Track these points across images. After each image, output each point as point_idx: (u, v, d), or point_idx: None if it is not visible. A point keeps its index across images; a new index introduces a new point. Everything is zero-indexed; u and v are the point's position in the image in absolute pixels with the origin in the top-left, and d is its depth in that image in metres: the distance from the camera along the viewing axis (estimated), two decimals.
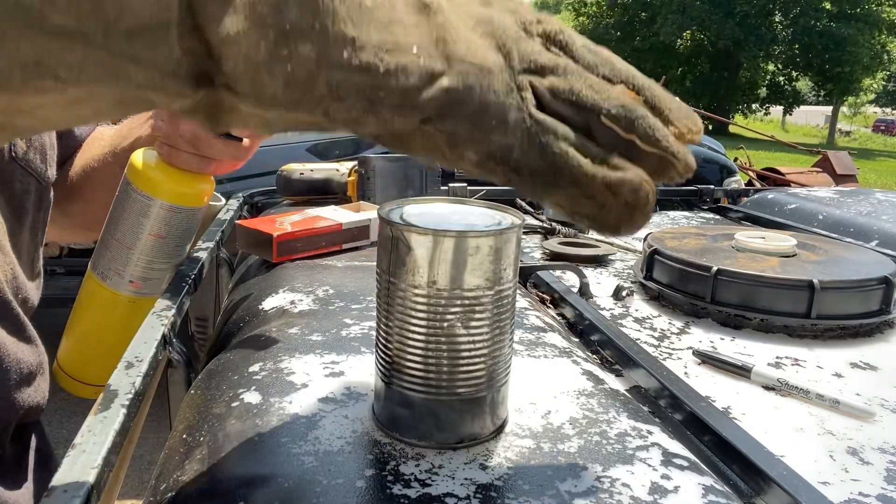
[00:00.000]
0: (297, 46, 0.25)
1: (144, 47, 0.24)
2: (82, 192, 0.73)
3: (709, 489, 0.37)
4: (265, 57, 0.25)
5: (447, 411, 0.38)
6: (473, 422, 0.38)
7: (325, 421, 0.40)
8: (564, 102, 0.29)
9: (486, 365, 0.38)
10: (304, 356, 0.50)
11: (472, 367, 0.37)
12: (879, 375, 0.58)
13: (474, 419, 0.38)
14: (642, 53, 24.81)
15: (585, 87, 0.29)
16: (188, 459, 0.39)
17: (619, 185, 0.29)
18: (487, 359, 0.38)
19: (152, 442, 1.82)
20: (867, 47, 21.70)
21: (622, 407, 0.45)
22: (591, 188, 0.29)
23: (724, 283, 0.68)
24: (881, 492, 0.41)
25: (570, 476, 0.36)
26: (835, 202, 1.12)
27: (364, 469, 0.36)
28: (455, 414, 0.38)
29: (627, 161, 0.29)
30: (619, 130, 0.28)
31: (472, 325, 0.37)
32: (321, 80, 0.26)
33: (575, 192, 0.29)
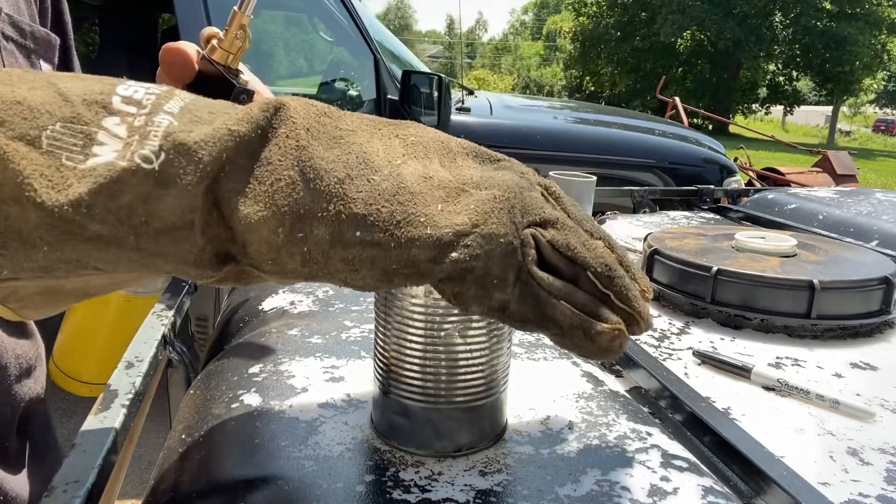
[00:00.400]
0: (312, 229, 0.28)
1: (170, 243, 0.27)
2: None
3: (708, 490, 0.37)
4: (284, 240, 0.28)
5: (445, 420, 0.38)
6: (472, 430, 0.38)
7: (325, 427, 0.40)
8: (560, 256, 0.32)
9: (484, 373, 0.38)
10: (304, 359, 0.50)
11: (470, 375, 0.37)
12: (879, 376, 0.58)
13: (473, 427, 0.38)
14: (642, 53, 24.82)
15: (580, 244, 0.32)
16: (187, 460, 0.39)
17: (597, 336, 0.32)
18: (485, 367, 0.38)
19: (152, 442, 1.82)
20: (867, 47, 21.70)
21: (622, 409, 0.45)
22: (574, 337, 0.32)
23: (725, 284, 0.68)
24: (881, 492, 0.41)
25: (570, 481, 0.36)
26: (835, 202, 1.12)
27: (364, 474, 0.36)
28: (453, 423, 0.38)
29: (608, 310, 0.33)
30: (599, 286, 0.32)
31: (470, 335, 0.37)
32: (336, 257, 0.29)
33: (559, 335, 0.33)
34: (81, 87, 0.28)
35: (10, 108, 0.26)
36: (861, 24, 21.63)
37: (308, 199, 0.28)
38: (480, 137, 2.65)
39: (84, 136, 0.26)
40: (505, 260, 0.31)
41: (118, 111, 0.27)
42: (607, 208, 1.35)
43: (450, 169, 0.32)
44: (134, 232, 0.26)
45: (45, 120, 0.26)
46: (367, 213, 0.28)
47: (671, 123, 3.51)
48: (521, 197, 0.32)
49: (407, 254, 0.29)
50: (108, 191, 0.26)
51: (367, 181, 0.29)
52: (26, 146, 0.25)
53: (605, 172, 2.55)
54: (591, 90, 29.41)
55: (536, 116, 2.98)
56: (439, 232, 0.29)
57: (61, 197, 0.25)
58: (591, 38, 26.92)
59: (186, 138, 0.27)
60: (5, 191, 0.25)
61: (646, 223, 1.15)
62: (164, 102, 0.28)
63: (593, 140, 2.76)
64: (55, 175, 0.25)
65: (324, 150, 0.29)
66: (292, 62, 3.69)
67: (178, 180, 0.26)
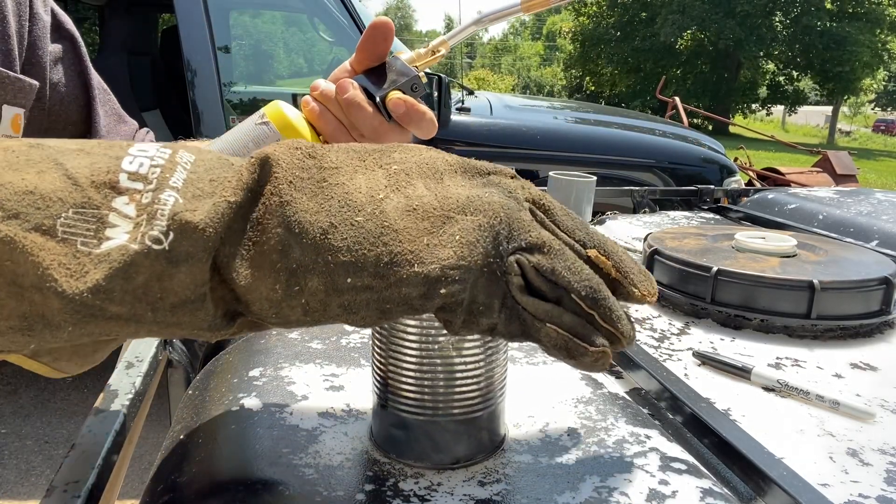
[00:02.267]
0: (307, 282, 0.29)
1: (186, 314, 0.29)
2: None
3: (707, 492, 0.37)
4: (282, 296, 0.30)
5: (443, 432, 0.38)
6: (470, 442, 0.39)
7: (326, 436, 0.41)
8: (544, 280, 0.33)
9: (479, 386, 0.38)
10: (304, 365, 0.50)
11: (466, 388, 0.37)
12: (879, 376, 0.58)
13: (471, 439, 0.39)
14: (642, 53, 24.80)
15: (564, 268, 0.33)
16: (186, 461, 0.39)
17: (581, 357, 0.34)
18: (481, 380, 0.38)
19: (152, 442, 1.82)
20: (868, 46, 21.70)
21: (621, 412, 0.45)
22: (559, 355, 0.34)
23: (725, 284, 0.68)
24: (881, 493, 0.41)
25: (569, 489, 0.36)
26: (835, 202, 1.12)
27: (364, 484, 0.36)
28: (451, 435, 0.38)
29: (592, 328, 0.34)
30: (584, 307, 0.33)
31: (465, 348, 0.37)
32: (333, 304, 0.30)
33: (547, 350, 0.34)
34: (88, 165, 0.29)
35: (23, 198, 0.27)
36: (861, 24, 21.63)
37: (298, 253, 0.29)
38: (480, 137, 2.65)
39: (96, 219, 0.28)
40: (489, 288, 0.32)
41: (126, 189, 0.28)
42: (607, 208, 1.35)
43: (435, 191, 0.32)
44: (151, 308, 0.28)
45: (58, 208, 0.27)
46: (354, 259, 0.29)
47: (671, 123, 3.51)
48: (507, 222, 0.32)
49: (398, 293, 0.30)
50: (124, 273, 0.27)
51: (351, 225, 0.30)
52: (42, 236, 0.27)
53: (605, 172, 2.55)
54: (591, 90, 29.40)
55: (536, 116, 2.98)
56: (426, 269, 0.30)
57: (80, 284, 0.27)
58: (591, 38, 26.91)
59: (192, 217, 0.28)
60: (27, 280, 0.26)
61: (646, 223, 1.15)
62: (169, 176, 0.29)
63: (593, 140, 2.76)
64: (72, 263, 0.27)
65: (307, 201, 0.30)
66: (292, 62, 3.69)
67: (188, 258, 0.28)
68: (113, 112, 0.72)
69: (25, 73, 0.59)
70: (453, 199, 0.32)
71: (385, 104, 0.54)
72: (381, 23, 0.54)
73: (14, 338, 0.28)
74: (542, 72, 45.48)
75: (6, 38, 0.57)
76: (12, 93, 0.57)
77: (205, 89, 2.46)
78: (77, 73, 0.67)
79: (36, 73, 0.61)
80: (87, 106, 0.68)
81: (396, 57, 0.56)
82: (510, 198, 0.34)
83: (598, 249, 0.34)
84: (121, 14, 3.47)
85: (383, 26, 0.54)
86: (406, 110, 0.53)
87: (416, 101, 0.54)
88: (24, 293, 0.27)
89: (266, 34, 3.39)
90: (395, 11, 60.17)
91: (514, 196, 0.34)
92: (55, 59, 0.64)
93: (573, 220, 0.35)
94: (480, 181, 0.34)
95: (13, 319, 0.27)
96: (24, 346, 0.28)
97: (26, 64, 0.60)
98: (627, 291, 0.35)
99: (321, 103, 0.56)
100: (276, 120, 0.55)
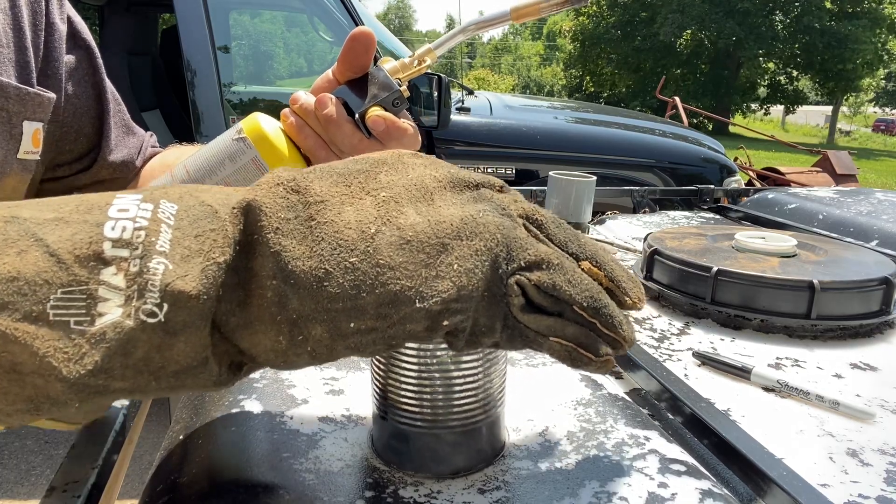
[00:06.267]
0: (310, 331, 0.29)
1: (189, 378, 0.29)
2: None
3: (706, 493, 0.37)
4: (287, 345, 0.29)
5: (442, 444, 0.38)
6: (470, 452, 0.39)
7: (326, 441, 0.41)
8: (545, 295, 0.33)
9: (478, 396, 0.38)
10: (304, 368, 0.50)
11: (465, 399, 0.37)
12: (879, 376, 0.58)
13: (470, 449, 0.38)
14: (642, 53, 24.80)
15: (565, 282, 0.33)
16: (186, 462, 0.39)
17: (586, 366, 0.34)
18: (480, 390, 0.38)
19: (152, 442, 1.82)
20: (868, 45, 21.69)
21: (620, 413, 0.45)
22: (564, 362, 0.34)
23: (725, 284, 0.68)
24: (881, 493, 0.41)
25: (568, 494, 0.36)
26: (835, 202, 1.12)
27: (364, 490, 0.36)
28: (450, 446, 0.38)
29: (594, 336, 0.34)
30: (586, 316, 0.33)
31: (463, 360, 0.37)
32: (339, 347, 0.30)
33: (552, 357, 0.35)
34: (69, 238, 0.27)
35: (7, 286, 0.26)
36: (861, 23, 21.62)
37: (296, 303, 0.29)
38: (480, 137, 2.65)
39: (86, 296, 0.27)
40: (490, 311, 0.32)
41: (112, 259, 0.27)
42: (607, 208, 1.35)
43: (427, 216, 0.32)
44: (154, 377, 0.28)
45: (46, 291, 0.26)
46: (355, 305, 0.29)
47: (671, 123, 3.51)
48: (504, 243, 0.32)
49: (402, 330, 0.30)
50: (122, 350, 0.27)
51: (346, 269, 0.29)
52: (34, 324, 0.26)
53: (605, 172, 2.55)
54: (591, 90, 29.40)
55: (536, 116, 2.98)
56: (428, 304, 0.30)
57: (79, 367, 0.26)
58: (592, 38, 26.91)
59: (185, 286, 0.27)
60: (27, 368, 0.26)
61: (646, 223, 1.15)
62: (155, 240, 0.28)
63: (593, 140, 2.76)
64: (69, 346, 0.26)
65: (298, 246, 0.29)
66: (292, 62, 3.69)
67: (186, 327, 0.27)
68: (122, 123, 0.71)
69: (41, 84, 0.59)
70: (447, 223, 0.31)
71: (364, 121, 0.52)
72: (361, 34, 0.52)
73: (23, 417, 0.28)
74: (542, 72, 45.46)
75: (23, 50, 0.56)
76: (32, 108, 0.56)
77: (205, 89, 2.46)
78: (92, 83, 0.66)
79: (52, 85, 0.60)
80: (99, 118, 0.67)
81: (380, 67, 0.54)
82: (504, 215, 0.33)
83: (591, 261, 0.34)
84: (121, 14, 3.47)
85: (364, 38, 0.52)
86: (386, 128, 0.51)
87: (397, 119, 0.52)
88: (26, 379, 0.26)
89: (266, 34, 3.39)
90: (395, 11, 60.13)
91: (507, 213, 0.33)
92: (70, 69, 0.63)
93: (565, 232, 0.35)
94: (470, 195, 0.34)
95: (19, 403, 0.27)
96: (34, 420, 0.28)
97: (41, 75, 0.59)
98: (619, 300, 0.35)
99: (300, 117, 0.55)
100: (252, 135, 0.53)
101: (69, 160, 0.67)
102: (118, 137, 0.70)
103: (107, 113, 0.68)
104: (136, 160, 0.72)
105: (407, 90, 0.54)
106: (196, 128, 2.47)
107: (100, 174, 0.69)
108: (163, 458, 0.41)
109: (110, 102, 0.68)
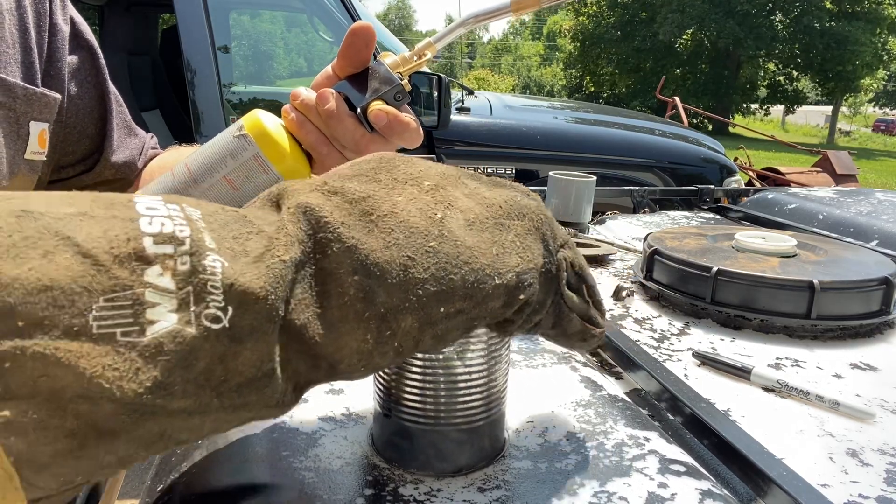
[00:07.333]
0: (399, 323, 0.28)
1: (253, 393, 0.26)
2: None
3: (706, 493, 0.37)
4: (374, 344, 0.28)
5: (445, 441, 0.38)
6: (471, 450, 0.39)
7: (325, 440, 0.41)
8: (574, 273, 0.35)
9: (482, 394, 0.38)
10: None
11: (469, 397, 0.38)
12: (879, 376, 0.58)
13: (472, 448, 0.39)
14: (642, 53, 24.80)
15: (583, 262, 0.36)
16: (186, 461, 0.39)
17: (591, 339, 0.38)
18: (484, 388, 0.38)
19: None
20: (868, 45, 21.69)
21: (620, 414, 0.45)
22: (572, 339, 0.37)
23: (724, 284, 0.68)
24: (881, 493, 0.41)
25: (567, 494, 0.36)
26: (835, 202, 1.12)
27: (364, 488, 0.36)
28: (452, 444, 0.38)
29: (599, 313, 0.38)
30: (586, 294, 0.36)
31: (468, 357, 0.37)
32: (426, 337, 0.29)
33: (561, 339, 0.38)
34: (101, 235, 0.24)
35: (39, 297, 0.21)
36: (862, 23, 21.62)
37: (384, 296, 0.27)
38: (480, 137, 2.65)
39: (132, 302, 0.23)
40: (548, 286, 0.33)
41: (154, 257, 0.24)
42: (607, 208, 1.35)
43: (475, 199, 0.33)
44: (216, 394, 0.25)
45: (86, 301, 0.22)
46: (443, 287, 0.28)
47: (671, 123, 3.51)
48: (548, 222, 0.34)
49: (485, 308, 0.30)
50: (183, 363, 0.23)
51: (427, 253, 0.28)
52: (76, 341, 0.22)
53: (605, 172, 2.55)
54: (591, 90, 29.40)
55: (536, 116, 2.98)
56: (505, 279, 0.30)
57: (135, 386, 0.22)
58: (591, 38, 26.91)
59: (251, 285, 0.25)
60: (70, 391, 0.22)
61: (646, 223, 1.15)
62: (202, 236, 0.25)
63: (593, 140, 2.76)
64: (119, 362, 0.22)
65: (368, 238, 0.28)
66: (292, 62, 3.69)
67: (253, 333, 0.25)
68: (124, 124, 0.71)
69: (45, 85, 0.59)
70: (495, 205, 0.33)
71: (366, 115, 0.52)
72: (361, 28, 0.52)
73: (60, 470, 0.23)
74: (542, 72, 45.47)
75: (28, 51, 0.56)
76: (38, 108, 0.56)
77: (205, 89, 2.46)
78: (94, 84, 0.66)
79: (55, 86, 0.60)
80: (102, 119, 0.67)
81: (380, 62, 0.54)
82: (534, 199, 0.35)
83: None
84: (121, 14, 3.47)
85: (364, 32, 0.52)
86: (388, 122, 0.51)
87: (399, 112, 0.52)
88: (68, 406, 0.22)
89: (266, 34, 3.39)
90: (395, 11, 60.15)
91: (532, 197, 0.36)
92: (73, 70, 0.63)
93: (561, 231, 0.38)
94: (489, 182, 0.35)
95: (60, 442, 0.22)
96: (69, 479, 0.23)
97: (45, 76, 0.59)
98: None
99: (301, 113, 0.54)
100: (253, 131, 0.53)
101: (72, 161, 0.67)
102: (120, 138, 0.70)
103: (109, 114, 0.68)
104: (137, 161, 0.72)
105: (408, 84, 0.54)
106: (196, 128, 2.47)
107: (103, 175, 0.69)
108: (163, 458, 0.41)
109: (113, 103, 0.68)
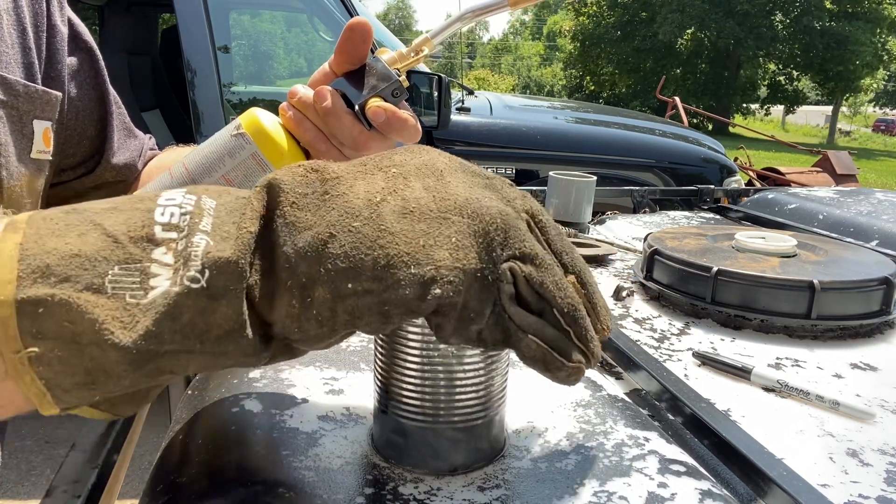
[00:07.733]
0: (315, 293, 0.31)
1: (231, 342, 0.31)
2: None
3: (706, 493, 0.37)
4: (299, 310, 0.31)
5: (442, 440, 0.38)
6: (470, 450, 0.39)
7: (325, 439, 0.41)
8: (531, 290, 0.33)
9: (479, 393, 0.38)
10: (304, 368, 0.50)
11: (466, 395, 0.37)
12: (880, 376, 0.58)
13: (470, 447, 0.39)
14: (642, 53, 24.80)
15: (552, 283, 0.33)
16: (186, 461, 0.39)
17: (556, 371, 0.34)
18: (482, 387, 0.38)
19: (152, 442, 1.82)
20: (868, 45, 21.69)
21: (620, 414, 0.45)
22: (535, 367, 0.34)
23: (725, 284, 0.68)
24: (881, 493, 0.41)
25: (567, 493, 0.36)
26: (835, 202, 1.12)
27: (363, 487, 0.36)
28: (450, 442, 0.38)
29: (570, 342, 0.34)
30: (562, 322, 0.34)
31: (466, 355, 0.37)
32: (340, 310, 0.31)
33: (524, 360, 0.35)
34: (124, 222, 0.31)
35: (70, 261, 0.29)
36: (861, 23, 21.62)
37: (304, 268, 0.31)
38: (480, 137, 2.65)
39: (140, 272, 0.30)
40: (482, 294, 0.32)
41: (162, 240, 0.31)
42: (607, 208, 1.35)
43: (434, 192, 0.33)
44: (199, 340, 0.30)
45: (104, 267, 0.29)
46: (353, 265, 0.31)
47: (671, 123, 3.51)
48: (503, 228, 0.33)
49: (395, 295, 0.31)
50: (170, 315, 0.29)
51: (349, 231, 0.31)
52: (94, 295, 0.29)
53: (605, 172, 2.55)
54: (591, 90, 29.40)
55: (536, 116, 2.98)
56: (422, 270, 0.31)
57: (133, 334, 0.29)
58: (591, 38, 26.90)
59: (223, 253, 0.30)
60: (85, 338, 0.28)
61: (646, 223, 1.15)
62: (199, 221, 0.31)
63: (593, 140, 2.76)
64: (124, 316, 0.29)
65: (311, 216, 0.32)
66: (292, 62, 3.69)
67: (226, 292, 0.30)
68: (123, 126, 0.71)
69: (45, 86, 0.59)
70: (451, 199, 0.33)
71: (364, 112, 0.52)
72: (358, 24, 0.52)
73: (80, 393, 0.30)
74: (542, 72, 45.48)
75: (27, 51, 0.56)
76: (40, 106, 0.56)
77: (205, 89, 2.46)
78: (94, 86, 0.66)
79: (55, 87, 0.60)
80: (102, 120, 0.67)
81: (377, 58, 0.53)
82: (508, 205, 0.34)
83: (577, 277, 0.35)
84: (121, 14, 3.47)
85: (361, 28, 0.52)
86: (387, 119, 0.51)
87: (398, 109, 0.52)
88: (84, 349, 0.28)
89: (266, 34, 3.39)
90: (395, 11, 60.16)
91: (512, 204, 0.34)
92: (73, 71, 0.63)
93: (563, 242, 0.36)
94: (481, 182, 0.35)
95: (78, 375, 0.29)
96: (89, 399, 0.30)
97: (45, 77, 0.59)
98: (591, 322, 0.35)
99: (299, 111, 0.54)
100: (251, 130, 0.53)
101: (73, 164, 0.67)
102: (120, 140, 0.70)
103: (110, 115, 0.67)
104: (137, 162, 0.72)
105: (406, 80, 0.53)
106: (196, 128, 2.47)
107: (103, 177, 0.69)
108: (163, 458, 0.41)
109: (112, 105, 0.68)
